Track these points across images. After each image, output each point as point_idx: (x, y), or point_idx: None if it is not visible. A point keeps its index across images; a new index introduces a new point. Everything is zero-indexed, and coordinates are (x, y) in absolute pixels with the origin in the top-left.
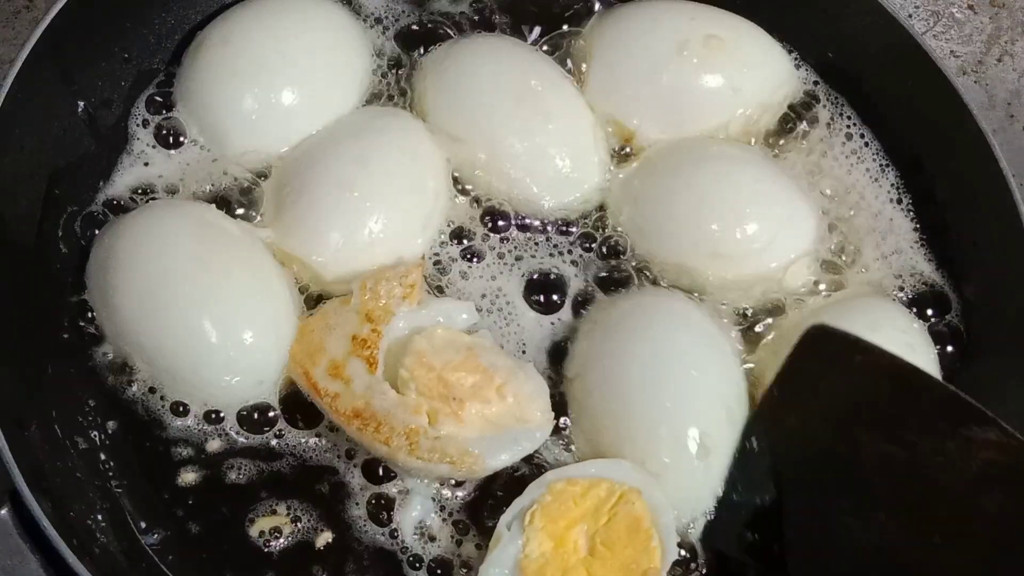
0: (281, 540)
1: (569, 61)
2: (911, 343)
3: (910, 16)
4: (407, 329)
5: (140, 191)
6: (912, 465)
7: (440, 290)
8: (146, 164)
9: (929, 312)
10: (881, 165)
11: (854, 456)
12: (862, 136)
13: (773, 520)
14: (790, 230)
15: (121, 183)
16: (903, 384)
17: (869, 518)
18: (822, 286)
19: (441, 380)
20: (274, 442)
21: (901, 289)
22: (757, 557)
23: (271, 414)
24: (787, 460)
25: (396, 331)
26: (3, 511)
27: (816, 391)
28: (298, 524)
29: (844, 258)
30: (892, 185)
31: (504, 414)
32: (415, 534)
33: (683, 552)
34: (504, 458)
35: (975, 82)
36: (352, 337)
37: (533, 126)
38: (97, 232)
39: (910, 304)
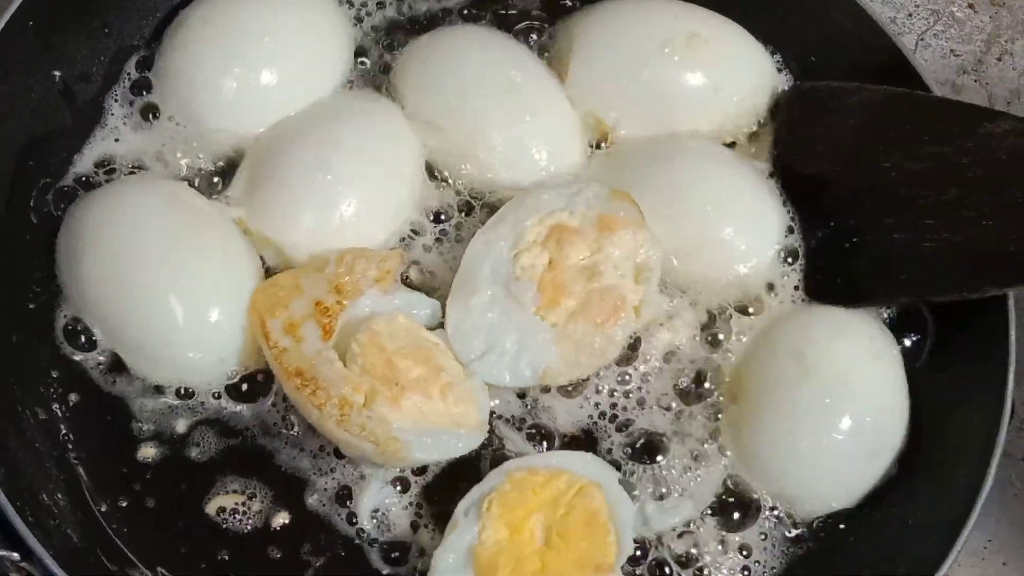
0: (238, 518)
1: (550, 55)
2: (878, 351)
3: (910, 15)
4: (369, 310)
5: (113, 166)
6: (941, 172)
7: (408, 276)
8: (120, 140)
9: (899, 321)
10: None
11: (885, 182)
12: None
13: (840, 261)
14: (757, 231)
15: (94, 157)
16: (903, 109)
17: (918, 227)
18: (791, 289)
19: (389, 363)
20: (235, 421)
21: None
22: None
23: (233, 393)
24: (826, 205)
25: (358, 309)
26: None
27: (819, 138)
28: (256, 503)
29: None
30: None
31: (442, 413)
32: (372, 518)
33: (638, 549)
34: (430, 455)
35: (975, 81)
36: (316, 303)
37: (512, 117)
38: (68, 205)
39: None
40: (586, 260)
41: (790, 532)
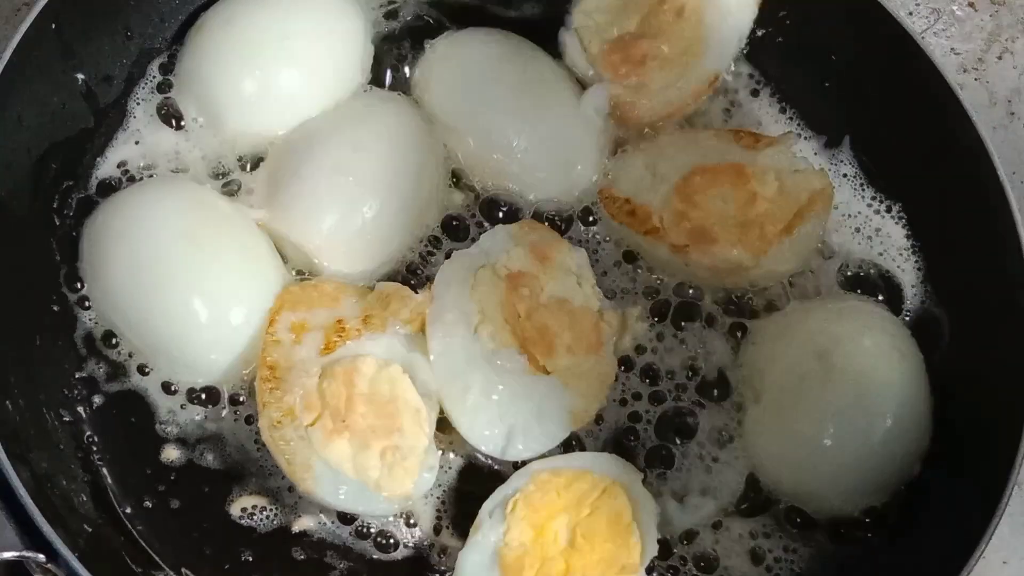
0: (262, 520)
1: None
2: (901, 349)
3: (910, 13)
4: (378, 351)
5: (136, 169)
6: None
7: (430, 279)
8: (142, 142)
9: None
10: None
11: None
12: None
13: None
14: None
15: (117, 160)
16: None
17: None
18: (811, 287)
19: (348, 400)
20: (259, 422)
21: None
22: None
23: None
24: None
25: (370, 344)
26: None
27: None
28: (280, 505)
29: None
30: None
31: (370, 469)
32: (394, 518)
33: (661, 548)
34: (334, 500)
35: (975, 80)
36: (337, 319)
37: (530, 119)
38: (91, 207)
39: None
40: (546, 293)
41: (812, 532)
